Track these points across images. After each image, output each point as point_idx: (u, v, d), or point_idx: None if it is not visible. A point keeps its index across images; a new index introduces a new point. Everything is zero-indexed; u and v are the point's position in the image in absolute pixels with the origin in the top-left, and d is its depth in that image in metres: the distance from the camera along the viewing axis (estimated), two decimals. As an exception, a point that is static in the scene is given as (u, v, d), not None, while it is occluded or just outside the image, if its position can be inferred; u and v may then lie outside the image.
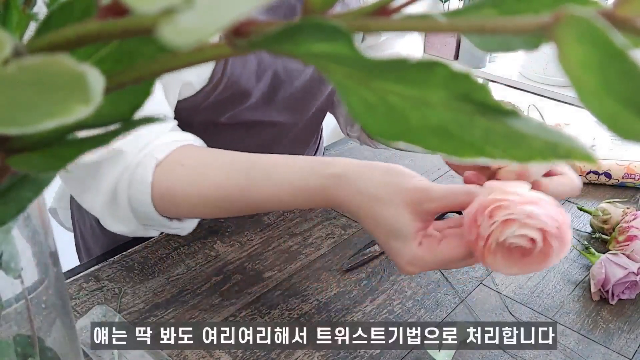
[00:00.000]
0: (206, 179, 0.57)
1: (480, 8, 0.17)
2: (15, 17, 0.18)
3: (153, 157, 0.57)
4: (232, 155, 0.59)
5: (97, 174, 0.57)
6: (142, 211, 0.58)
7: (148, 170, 0.57)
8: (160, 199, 0.58)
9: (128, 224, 0.60)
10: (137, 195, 0.57)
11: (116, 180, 0.57)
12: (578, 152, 0.13)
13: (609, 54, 0.12)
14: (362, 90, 0.14)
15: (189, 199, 0.58)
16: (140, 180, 0.57)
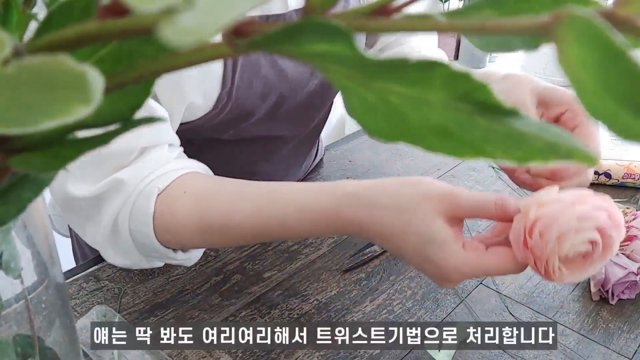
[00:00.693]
0: (210, 206, 0.55)
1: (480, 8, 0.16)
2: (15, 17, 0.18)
3: (155, 186, 0.55)
4: (238, 183, 0.56)
5: (98, 205, 0.55)
6: (143, 243, 0.56)
7: (150, 200, 0.54)
8: (163, 230, 0.55)
9: (130, 256, 0.57)
10: (138, 227, 0.55)
11: (117, 211, 0.55)
12: (578, 152, 0.13)
13: (608, 54, 0.12)
14: (362, 90, 0.14)
15: (191, 229, 0.55)
16: (141, 211, 0.54)
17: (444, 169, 0.92)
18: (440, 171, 0.92)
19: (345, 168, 0.93)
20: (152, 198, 0.54)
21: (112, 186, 0.54)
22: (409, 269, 0.70)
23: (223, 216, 0.54)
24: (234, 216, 0.53)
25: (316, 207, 0.50)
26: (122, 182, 0.54)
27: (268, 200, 0.53)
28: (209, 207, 0.54)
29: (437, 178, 0.90)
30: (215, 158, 0.63)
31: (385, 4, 0.14)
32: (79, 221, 0.58)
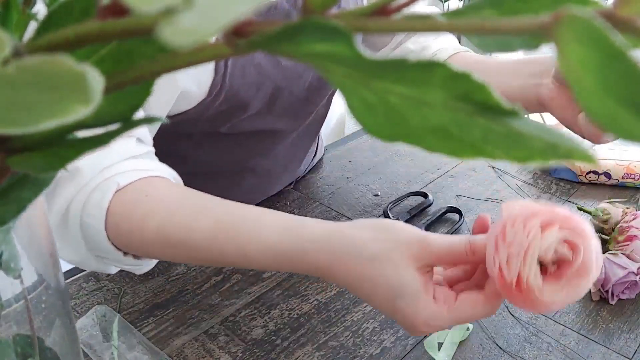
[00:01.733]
0: (170, 215, 0.50)
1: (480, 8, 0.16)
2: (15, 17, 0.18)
3: (115, 181, 0.51)
4: (205, 197, 0.52)
5: (53, 189, 0.52)
6: (93, 238, 0.52)
7: (106, 194, 0.50)
8: (115, 229, 0.51)
9: (78, 251, 0.53)
10: (89, 220, 0.51)
11: (69, 199, 0.51)
12: (578, 152, 0.13)
13: (608, 55, 0.12)
14: (362, 90, 0.14)
15: (146, 234, 0.50)
16: (95, 204, 0.50)
17: (444, 169, 0.92)
18: (440, 171, 0.92)
19: (345, 168, 0.93)
20: (109, 193, 0.51)
21: (68, 174, 0.51)
22: (409, 269, 0.70)
23: (182, 231, 0.50)
24: (193, 233, 0.50)
25: (280, 248, 0.47)
26: (78, 169, 0.51)
27: (231, 226, 0.49)
28: (168, 217, 0.51)
29: (437, 178, 0.90)
30: (213, 152, 0.63)
31: (385, 4, 0.14)
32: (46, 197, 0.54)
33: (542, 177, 0.90)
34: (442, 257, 0.44)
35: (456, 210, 0.80)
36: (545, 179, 0.89)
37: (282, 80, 0.71)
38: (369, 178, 0.90)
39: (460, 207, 0.81)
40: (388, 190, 0.86)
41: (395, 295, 0.44)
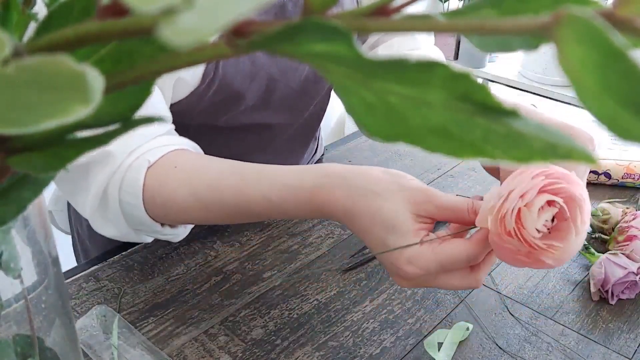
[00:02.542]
0: (199, 180, 0.55)
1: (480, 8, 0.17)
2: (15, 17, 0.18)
3: (145, 159, 0.56)
4: (228, 161, 0.57)
5: (87, 175, 0.56)
6: (132, 214, 0.57)
7: (140, 172, 0.55)
8: (152, 202, 0.56)
9: (119, 227, 0.58)
10: (127, 198, 0.56)
11: (106, 182, 0.56)
12: (578, 152, 0.13)
13: (608, 55, 0.12)
14: (361, 90, 0.14)
15: (180, 201, 0.56)
16: (131, 182, 0.55)
17: (444, 168, 0.92)
18: (440, 171, 0.92)
19: (345, 168, 0.93)
20: (142, 171, 0.55)
21: (100, 156, 0.55)
22: (409, 269, 0.70)
23: (211, 191, 0.55)
24: (222, 191, 0.54)
25: (300, 185, 0.51)
26: (110, 153, 0.55)
27: (255, 177, 0.54)
28: (198, 182, 0.55)
29: (437, 178, 0.90)
30: (211, 147, 0.63)
31: (385, 4, 0.14)
32: (69, 190, 0.60)
33: (542, 177, 0.90)
34: (443, 210, 0.47)
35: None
36: (545, 179, 0.89)
37: (277, 72, 0.71)
38: (369, 178, 0.89)
39: (460, 207, 0.81)
40: (388, 190, 0.86)
41: (388, 231, 0.47)
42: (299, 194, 0.51)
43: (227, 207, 0.55)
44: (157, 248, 0.72)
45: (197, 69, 0.64)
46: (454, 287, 0.48)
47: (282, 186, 0.52)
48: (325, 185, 0.50)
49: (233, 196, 0.54)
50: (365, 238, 0.49)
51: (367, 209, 0.48)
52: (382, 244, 0.47)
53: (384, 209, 0.47)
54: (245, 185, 0.54)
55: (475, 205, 0.47)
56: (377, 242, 0.48)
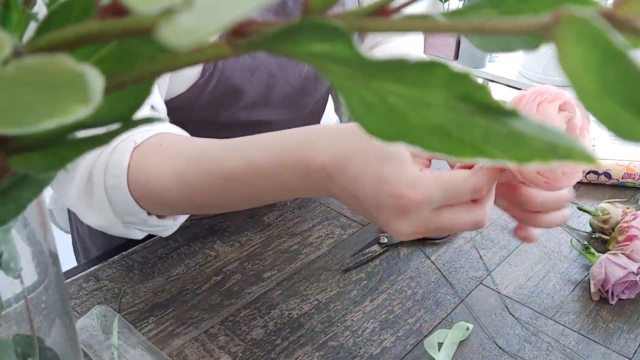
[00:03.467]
0: (180, 154, 0.53)
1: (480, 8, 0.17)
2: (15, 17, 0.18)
3: (132, 140, 0.54)
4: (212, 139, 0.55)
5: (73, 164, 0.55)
6: (118, 201, 0.55)
7: (125, 154, 0.54)
8: (135, 182, 0.54)
9: (105, 216, 0.56)
10: (112, 181, 0.54)
11: (91, 165, 0.54)
12: (578, 152, 0.13)
13: (608, 55, 0.12)
14: (361, 90, 0.14)
15: (162, 177, 0.53)
16: (116, 163, 0.54)
17: (444, 168, 0.92)
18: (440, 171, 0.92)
19: (345, 168, 0.93)
20: (128, 152, 0.54)
21: None
22: (409, 269, 0.70)
23: (191, 162, 0.52)
24: (204, 162, 0.52)
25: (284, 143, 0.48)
26: None
27: (239, 144, 0.51)
28: (179, 156, 0.53)
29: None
30: None
31: (385, 4, 0.14)
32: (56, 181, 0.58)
33: (542, 177, 0.90)
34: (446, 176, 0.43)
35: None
36: (545, 179, 0.89)
37: (277, 68, 0.71)
38: (369, 178, 0.90)
39: (460, 207, 0.81)
40: (388, 190, 0.86)
41: (383, 160, 0.42)
42: (284, 152, 0.47)
43: (210, 181, 0.51)
44: (157, 248, 0.72)
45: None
46: (459, 226, 0.43)
47: (266, 146, 0.49)
48: (310, 140, 0.47)
49: (215, 164, 0.51)
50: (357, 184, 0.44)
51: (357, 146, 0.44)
52: (377, 177, 0.42)
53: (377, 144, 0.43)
54: (228, 152, 0.51)
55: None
56: (371, 180, 0.43)
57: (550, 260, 0.73)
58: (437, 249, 0.74)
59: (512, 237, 0.76)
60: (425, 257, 0.72)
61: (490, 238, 0.76)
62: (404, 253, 0.73)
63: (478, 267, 0.71)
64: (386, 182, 0.41)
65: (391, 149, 0.42)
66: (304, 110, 0.80)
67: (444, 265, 0.71)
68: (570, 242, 0.75)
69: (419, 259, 0.72)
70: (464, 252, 0.74)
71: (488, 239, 0.76)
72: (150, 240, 0.73)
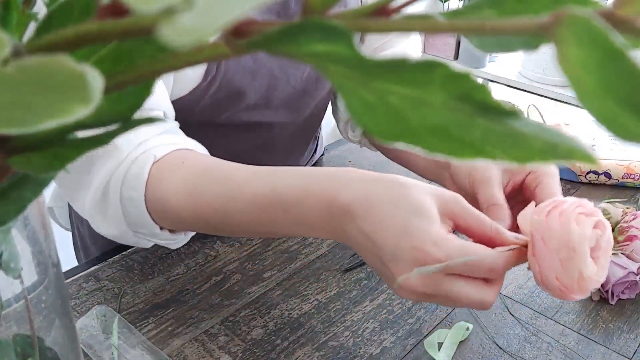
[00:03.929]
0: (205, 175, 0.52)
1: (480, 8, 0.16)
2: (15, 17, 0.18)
3: (151, 154, 0.54)
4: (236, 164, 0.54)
5: (90, 169, 0.54)
6: (132, 213, 0.55)
7: (145, 167, 0.53)
8: (152, 197, 0.54)
9: (117, 226, 0.56)
10: (129, 193, 0.54)
11: (109, 175, 0.54)
12: (578, 152, 0.13)
13: (608, 55, 0.12)
14: (361, 90, 0.14)
15: (180, 197, 0.53)
16: (134, 176, 0.53)
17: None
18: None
19: (345, 168, 0.93)
20: (148, 165, 0.53)
21: (104, 150, 0.53)
22: (409, 269, 0.70)
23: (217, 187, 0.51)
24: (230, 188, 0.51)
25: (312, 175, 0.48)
26: (116, 146, 0.53)
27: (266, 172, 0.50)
28: (205, 178, 0.52)
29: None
30: (212, 145, 0.63)
31: (385, 4, 0.14)
32: (71, 186, 0.58)
33: (542, 177, 0.90)
34: (468, 216, 0.44)
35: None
36: (545, 179, 0.89)
37: (278, 70, 0.71)
38: (369, 178, 0.89)
39: (460, 207, 0.81)
40: (388, 190, 0.86)
41: (412, 214, 0.42)
42: (310, 183, 0.47)
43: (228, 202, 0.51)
44: (157, 248, 0.72)
45: (199, 66, 0.64)
46: (466, 300, 0.43)
47: (293, 176, 0.49)
48: (339, 176, 0.46)
49: (237, 188, 0.50)
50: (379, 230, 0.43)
51: (387, 195, 0.44)
52: (402, 228, 0.42)
53: (409, 195, 0.43)
54: (254, 178, 0.50)
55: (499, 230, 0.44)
56: (395, 229, 0.43)
57: (550, 260, 0.73)
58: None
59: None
60: (425, 257, 0.72)
61: (490, 238, 0.76)
62: (404, 253, 0.73)
63: (478, 267, 0.71)
64: (411, 234, 0.42)
65: (423, 205, 0.43)
66: (304, 112, 0.80)
67: (444, 265, 0.71)
68: (570, 242, 0.75)
69: (419, 259, 0.72)
70: (464, 252, 0.73)
71: (488, 239, 0.76)
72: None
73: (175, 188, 0.53)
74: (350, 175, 0.46)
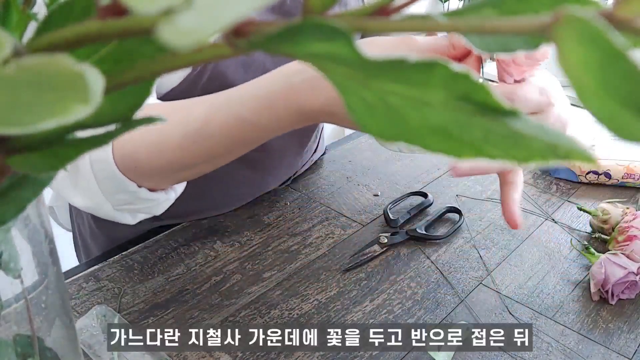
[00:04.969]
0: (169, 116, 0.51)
1: (480, 8, 0.16)
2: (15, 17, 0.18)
3: None
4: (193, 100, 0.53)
5: None
6: (104, 175, 0.53)
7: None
8: (121, 152, 0.52)
9: (91, 195, 0.54)
10: (97, 154, 0.52)
11: None
12: (578, 152, 0.13)
13: (608, 55, 0.12)
14: (361, 90, 0.14)
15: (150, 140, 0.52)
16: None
17: (444, 169, 0.92)
18: (440, 171, 0.92)
19: (345, 168, 0.93)
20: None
21: None
22: (409, 269, 0.70)
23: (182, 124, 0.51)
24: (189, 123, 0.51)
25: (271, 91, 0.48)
26: None
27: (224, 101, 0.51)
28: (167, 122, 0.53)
29: (437, 178, 0.90)
30: None
31: (385, 4, 0.14)
32: None
33: (542, 177, 0.90)
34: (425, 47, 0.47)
35: (456, 210, 0.81)
36: (545, 179, 0.89)
37: (271, 64, 0.71)
38: (368, 178, 0.90)
39: (460, 207, 0.81)
40: (388, 190, 0.86)
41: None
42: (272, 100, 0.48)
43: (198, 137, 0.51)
44: (157, 248, 0.72)
45: None
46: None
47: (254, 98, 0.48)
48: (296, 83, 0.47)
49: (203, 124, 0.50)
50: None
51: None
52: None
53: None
54: (216, 110, 0.50)
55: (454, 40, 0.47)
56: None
57: (550, 260, 0.73)
58: (437, 249, 0.74)
59: (512, 237, 0.76)
60: (425, 257, 0.72)
61: (490, 238, 0.76)
62: (404, 253, 0.73)
63: (478, 267, 0.71)
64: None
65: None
66: None
67: (444, 265, 0.71)
68: (570, 242, 0.75)
69: (419, 259, 0.72)
70: (464, 252, 0.74)
71: (488, 239, 0.76)
72: (150, 240, 0.73)
73: (142, 139, 0.52)
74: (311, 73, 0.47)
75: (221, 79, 0.67)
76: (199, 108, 0.51)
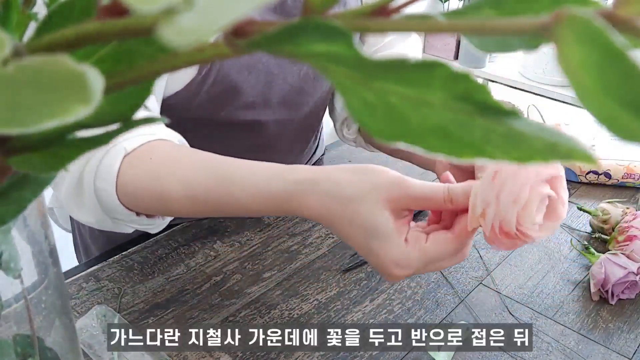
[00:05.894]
0: (172, 175, 0.55)
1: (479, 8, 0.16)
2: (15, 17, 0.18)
3: (122, 147, 0.55)
4: (204, 154, 0.56)
5: None
6: (106, 202, 0.56)
7: (116, 160, 0.55)
8: (124, 191, 0.56)
9: (94, 214, 0.58)
10: (102, 185, 0.55)
11: (82, 168, 0.55)
12: (578, 152, 0.13)
13: (608, 55, 0.12)
14: (361, 90, 0.14)
15: (151, 194, 0.55)
16: (106, 169, 0.55)
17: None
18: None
19: (345, 168, 0.93)
20: (118, 158, 0.55)
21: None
22: (409, 269, 0.70)
23: (183, 186, 0.54)
24: (193, 188, 0.54)
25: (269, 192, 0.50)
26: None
27: (228, 178, 0.53)
28: (170, 175, 0.55)
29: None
30: (210, 145, 0.63)
31: (385, 4, 0.14)
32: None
33: (542, 177, 0.90)
34: (419, 201, 0.46)
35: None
36: (545, 179, 0.89)
37: (275, 66, 0.71)
38: (369, 178, 0.89)
39: (460, 207, 0.81)
40: (388, 190, 0.86)
41: (369, 236, 0.46)
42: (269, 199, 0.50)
43: (197, 205, 0.55)
44: (157, 248, 0.72)
45: None
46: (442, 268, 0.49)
47: (251, 189, 0.51)
48: (294, 193, 0.49)
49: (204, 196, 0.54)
50: (348, 242, 0.48)
51: (343, 215, 0.47)
52: (367, 249, 0.47)
53: (360, 214, 0.46)
54: (218, 185, 0.53)
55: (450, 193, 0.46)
56: (360, 247, 0.47)
57: (550, 260, 0.73)
58: (437, 249, 0.74)
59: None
60: (425, 257, 0.72)
61: (490, 238, 0.76)
62: (404, 253, 0.73)
63: (478, 267, 0.71)
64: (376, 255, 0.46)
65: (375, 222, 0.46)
66: (302, 110, 0.80)
67: (444, 265, 0.71)
68: (570, 242, 0.75)
69: (419, 259, 0.72)
70: (464, 252, 0.74)
71: (488, 239, 0.76)
72: (150, 240, 0.73)
73: (143, 187, 0.55)
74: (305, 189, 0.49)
75: (225, 82, 0.67)
76: (204, 174, 0.54)
